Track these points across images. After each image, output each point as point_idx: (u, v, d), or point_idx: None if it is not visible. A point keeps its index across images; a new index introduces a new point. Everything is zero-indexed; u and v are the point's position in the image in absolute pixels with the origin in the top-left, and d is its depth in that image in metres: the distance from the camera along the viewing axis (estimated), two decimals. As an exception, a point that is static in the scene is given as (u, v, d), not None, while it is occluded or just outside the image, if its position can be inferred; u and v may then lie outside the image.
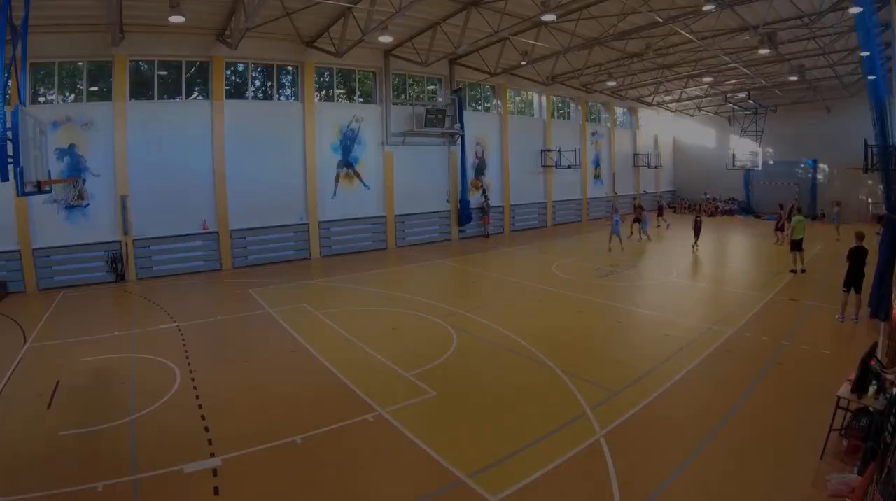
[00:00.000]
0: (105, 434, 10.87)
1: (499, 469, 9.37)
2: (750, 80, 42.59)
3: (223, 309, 21.22)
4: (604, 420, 10.97)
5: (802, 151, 49.75)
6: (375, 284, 24.61)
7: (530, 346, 15.67)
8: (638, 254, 30.74)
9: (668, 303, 20.69)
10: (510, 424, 11.14)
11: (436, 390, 12.75)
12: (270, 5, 23.43)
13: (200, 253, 28.85)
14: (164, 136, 27.35)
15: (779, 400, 11.94)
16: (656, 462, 9.53)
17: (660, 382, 12.94)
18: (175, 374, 14.04)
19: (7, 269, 24.14)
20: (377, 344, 16.03)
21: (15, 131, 11.51)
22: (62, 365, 14.80)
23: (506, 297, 21.94)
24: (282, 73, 31.85)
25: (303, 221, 31.82)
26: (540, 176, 45.49)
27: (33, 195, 14.13)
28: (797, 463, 9.34)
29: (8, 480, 9.24)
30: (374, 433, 10.85)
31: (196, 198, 28.34)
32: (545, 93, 45.49)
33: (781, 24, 27.40)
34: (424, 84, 38.48)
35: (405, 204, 36.08)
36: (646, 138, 57.48)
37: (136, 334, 17.66)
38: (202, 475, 9.32)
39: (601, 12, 27.26)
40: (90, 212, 25.77)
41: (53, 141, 23.80)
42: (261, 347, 16.26)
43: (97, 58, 25.85)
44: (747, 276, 25.16)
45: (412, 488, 8.98)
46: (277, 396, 12.80)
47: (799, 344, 15.44)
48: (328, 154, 32.75)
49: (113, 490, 8.88)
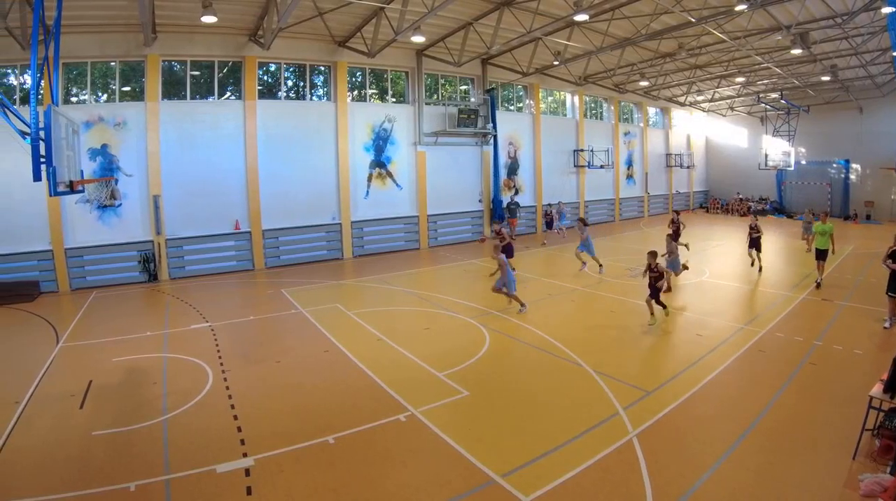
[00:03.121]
0: (137, 434, 10.83)
1: (531, 469, 9.29)
2: (782, 80, 42.20)
3: (256, 310, 21.16)
4: (636, 420, 10.90)
5: (835, 151, 49.15)
6: (408, 284, 24.42)
7: (563, 346, 15.54)
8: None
9: (701, 303, 20.47)
10: (543, 424, 11.07)
11: (468, 390, 12.67)
12: (303, 5, 23.53)
13: (233, 253, 28.92)
14: (197, 136, 27.47)
15: (811, 399, 11.82)
16: (689, 462, 9.44)
17: (693, 382, 12.86)
18: (207, 374, 13.99)
19: (40, 269, 24.32)
20: (410, 344, 15.93)
21: (47, 131, 11.49)
22: (95, 364, 14.80)
23: (538, 297, 21.61)
24: (314, 73, 31.84)
25: (335, 221, 31.78)
26: (572, 176, 45.13)
27: (66, 195, 14.14)
28: (829, 463, 9.27)
29: (41, 480, 9.22)
30: (407, 433, 10.77)
31: (228, 197, 28.42)
32: (577, 93, 45.05)
33: (814, 24, 27.24)
34: (457, 84, 38.28)
35: (437, 204, 35.96)
36: (678, 138, 56.87)
37: (168, 334, 17.63)
38: (234, 475, 9.30)
39: (633, 12, 27.13)
40: (122, 212, 25.87)
41: (86, 141, 24.00)
42: (293, 347, 16.10)
43: (129, 58, 25.98)
44: (780, 276, 24.65)
45: (444, 488, 8.90)
46: (310, 396, 12.72)
47: (831, 345, 15.27)
48: (361, 154, 32.70)
49: (145, 491, 8.85)
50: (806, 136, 49.24)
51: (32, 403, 12.41)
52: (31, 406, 12.26)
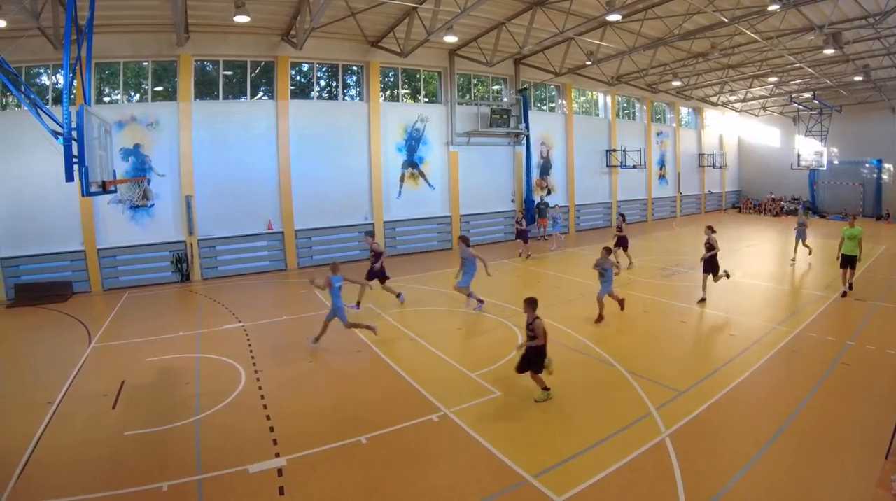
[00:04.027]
0: (170, 434, 10.86)
1: (563, 469, 9.30)
2: (815, 80, 41.86)
3: (288, 310, 21.21)
4: (669, 420, 10.88)
5: (867, 151, 48.62)
6: (440, 284, 24.25)
7: (595, 346, 15.58)
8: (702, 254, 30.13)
9: (733, 303, 20.24)
10: (575, 424, 11.14)
11: (500, 390, 12.67)
12: (335, 5, 23.53)
13: (265, 253, 28.99)
14: (229, 136, 27.57)
15: (843, 400, 11.74)
16: (721, 462, 9.42)
17: (725, 382, 12.82)
18: (240, 374, 14.00)
19: (72, 269, 24.55)
20: (442, 344, 15.94)
21: (80, 131, 11.51)
22: (127, 365, 14.84)
23: (570, 297, 21.50)
24: (346, 74, 31.85)
25: (368, 221, 31.69)
26: (605, 176, 44.78)
27: (98, 195, 14.16)
28: (862, 463, 9.19)
29: (74, 479, 9.26)
30: (439, 433, 10.80)
31: (261, 198, 28.48)
32: (610, 93, 44.71)
33: (846, 24, 27.11)
34: (489, 84, 38.10)
35: (470, 204, 35.83)
36: (711, 138, 56.36)
37: (201, 334, 17.65)
38: (267, 475, 9.32)
39: (666, 12, 27.01)
40: (155, 213, 26.02)
41: (118, 141, 24.15)
42: (326, 347, 15.97)
43: (162, 57, 26.17)
44: (812, 276, 24.40)
45: (477, 487, 8.90)
46: (342, 396, 12.75)
47: (864, 345, 15.15)
48: (393, 154, 32.68)
49: (178, 491, 8.90)
50: (838, 136, 48.78)
51: (65, 403, 12.46)
52: (63, 406, 12.31)
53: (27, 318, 20.75)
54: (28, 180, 23.48)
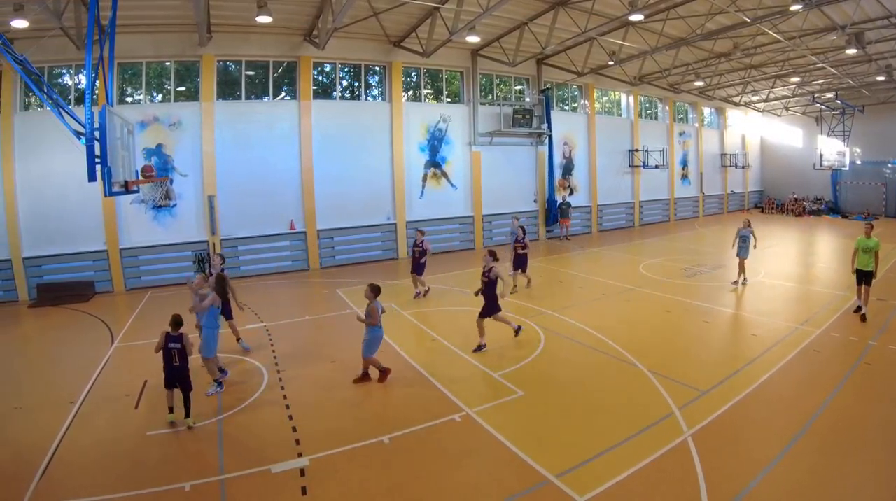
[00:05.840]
0: (192, 434, 10.88)
1: (586, 469, 9.30)
2: (837, 80, 41.44)
3: (310, 310, 21.25)
4: (691, 420, 10.85)
5: (890, 151, 48.03)
6: (462, 284, 24.07)
7: (618, 346, 15.47)
8: (725, 254, 29.90)
9: (756, 303, 20.22)
10: (597, 424, 11.08)
11: (523, 390, 12.65)
12: (358, 5, 23.50)
13: (288, 253, 29.01)
14: (252, 136, 27.62)
15: (866, 400, 11.73)
16: (744, 462, 9.36)
17: (748, 382, 12.77)
18: (263, 374, 14.03)
19: (95, 269, 24.70)
20: (464, 344, 15.84)
21: (102, 131, 11.53)
22: (150, 365, 14.74)
23: (593, 297, 21.50)
24: (369, 74, 31.85)
25: (390, 221, 31.71)
26: (627, 176, 44.52)
27: (121, 195, 14.21)
28: (885, 463, 9.24)
29: (97, 479, 9.30)
30: (462, 432, 10.80)
31: (283, 198, 28.51)
32: (632, 93, 44.45)
33: (869, 24, 26.90)
34: (512, 84, 37.95)
35: (492, 204, 35.66)
36: (733, 138, 55.92)
37: (223, 334, 17.59)
38: (290, 475, 9.34)
39: (688, 12, 26.84)
40: (177, 213, 26.12)
41: (141, 141, 24.19)
42: (348, 347, 15.83)
43: (184, 58, 26.27)
44: (835, 276, 24.11)
45: (499, 487, 8.92)
46: (365, 396, 12.73)
47: (886, 344, 15.02)
48: (415, 154, 32.63)
49: (200, 491, 8.93)
50: (861, 136, 48.27)
51: (88, 403, 12.51)
52: (86, 405, 12.36)
53: (50, 318, 20.89)
54: (50, 180, 23.66)
